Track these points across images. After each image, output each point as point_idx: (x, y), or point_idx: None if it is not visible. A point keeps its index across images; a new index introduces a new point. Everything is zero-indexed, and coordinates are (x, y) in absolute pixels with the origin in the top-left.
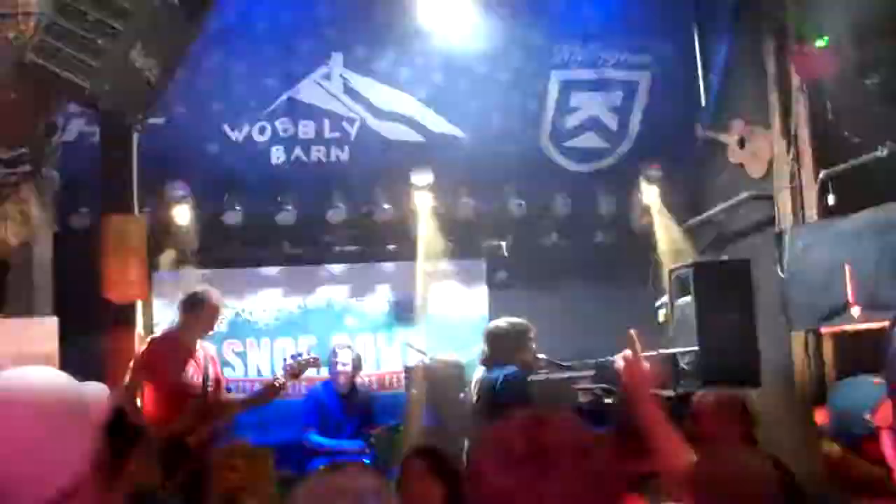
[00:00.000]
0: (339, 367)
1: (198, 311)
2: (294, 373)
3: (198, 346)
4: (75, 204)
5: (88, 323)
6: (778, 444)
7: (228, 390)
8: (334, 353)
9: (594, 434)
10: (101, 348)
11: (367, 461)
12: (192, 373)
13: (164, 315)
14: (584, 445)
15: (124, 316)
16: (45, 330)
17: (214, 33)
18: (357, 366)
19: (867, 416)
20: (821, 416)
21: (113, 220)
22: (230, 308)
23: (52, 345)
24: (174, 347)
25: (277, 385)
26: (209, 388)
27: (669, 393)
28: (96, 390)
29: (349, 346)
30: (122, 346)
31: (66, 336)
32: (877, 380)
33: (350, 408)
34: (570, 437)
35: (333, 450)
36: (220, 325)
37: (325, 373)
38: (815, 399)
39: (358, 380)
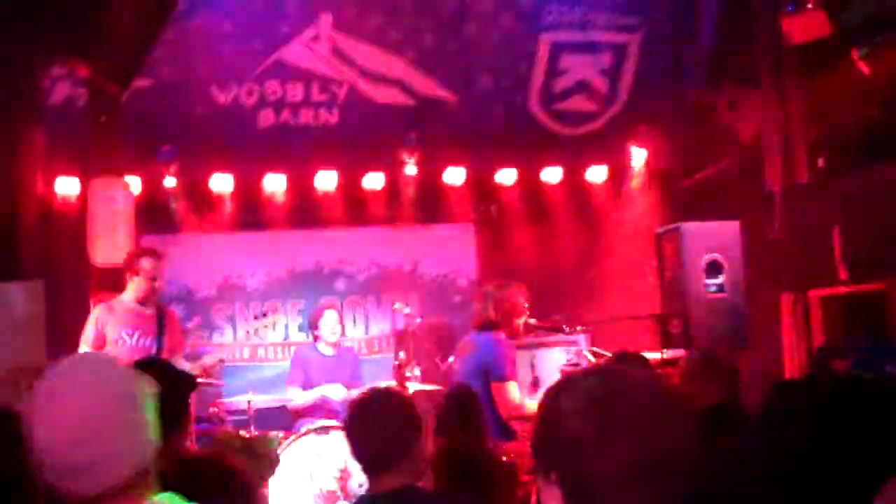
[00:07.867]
0: (325, 339)
1: (132, 274)
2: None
3: (150, 311)
4: (63, 168)
5: (75, 287)
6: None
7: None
8: (318, 320)
9: None
10: (87, 312)
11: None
12: (138, 336)
13: None
14: None
15: (111, 280)
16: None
17: None
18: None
19: None
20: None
21: (100, 183)
22: (218, 273)
23: (38, 308)
24: (112, 311)
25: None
26: (160, 352)
27: (657, 356)
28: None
29: (333, 310)
30: None
31: (52, 299)
32: None
33: (335, 367)
34: None
35: (316, 402)
36: (209, 290)
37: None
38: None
39: (343, 342)
